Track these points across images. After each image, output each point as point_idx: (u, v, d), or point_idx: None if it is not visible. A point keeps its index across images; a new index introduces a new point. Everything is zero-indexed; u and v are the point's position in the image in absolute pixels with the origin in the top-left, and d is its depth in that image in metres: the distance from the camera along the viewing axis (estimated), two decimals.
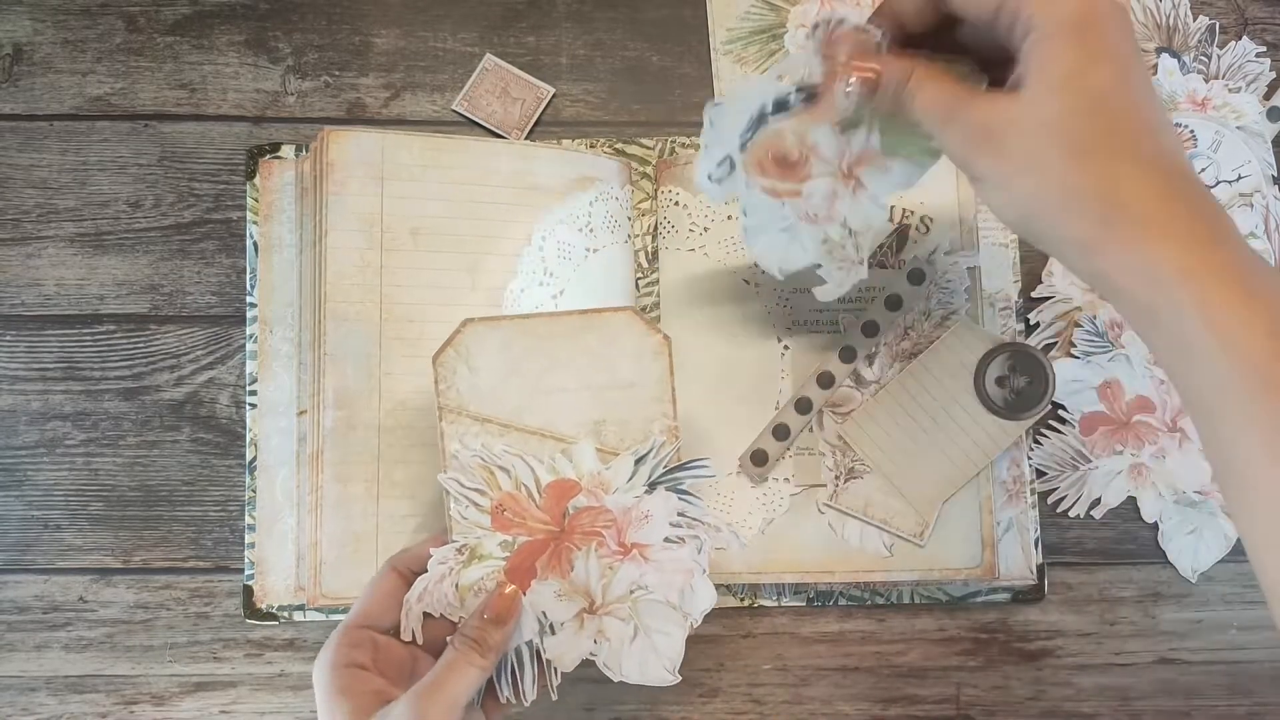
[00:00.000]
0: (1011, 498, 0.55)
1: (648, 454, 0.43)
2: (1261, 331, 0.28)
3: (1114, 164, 0.31)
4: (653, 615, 0.42)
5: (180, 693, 0.55)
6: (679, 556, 0.42)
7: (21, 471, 0.56)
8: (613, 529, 0.42)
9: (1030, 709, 0.56)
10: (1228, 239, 0.30)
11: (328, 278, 0.52)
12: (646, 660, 0.42)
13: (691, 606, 0.42)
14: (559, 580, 0.42)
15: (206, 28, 0.60)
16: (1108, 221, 0.31)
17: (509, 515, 0.42)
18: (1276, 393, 0.28)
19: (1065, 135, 0.31)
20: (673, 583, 0.42)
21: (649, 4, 0.61)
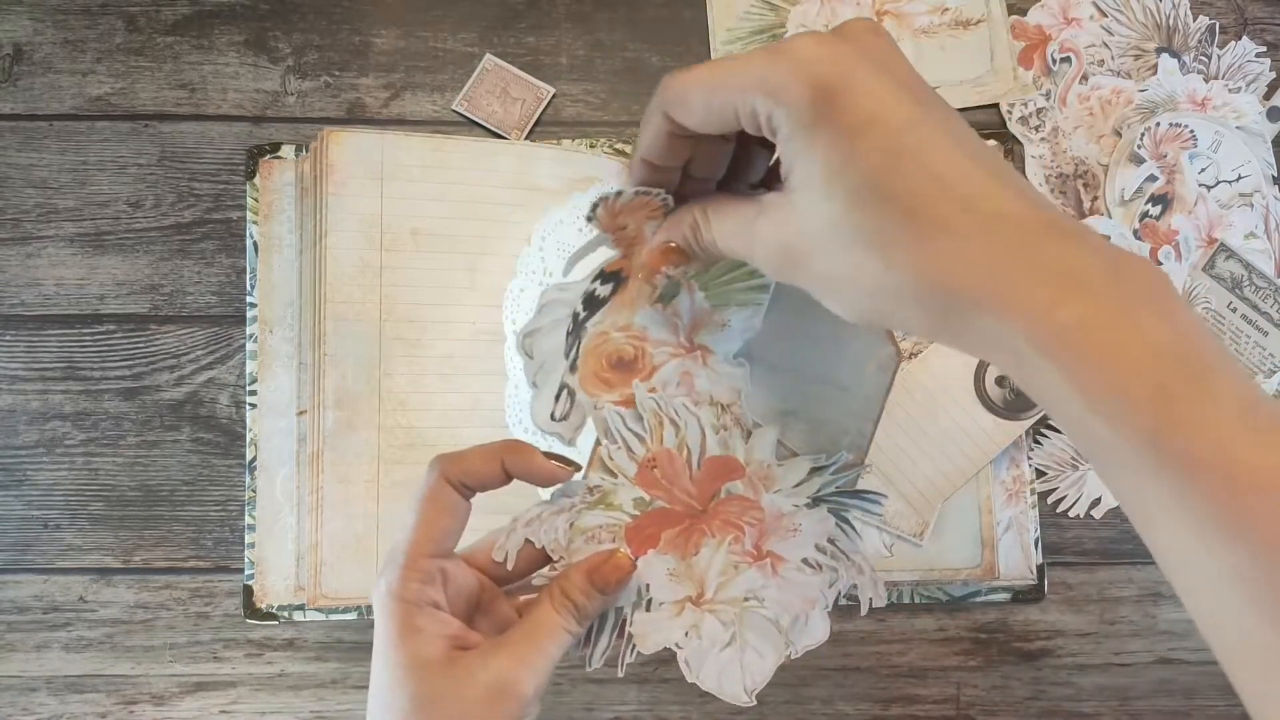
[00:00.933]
0: (1011, 498, 0.55)
1: (827, 466, 0.39)
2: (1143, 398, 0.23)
3: (922, 250, 0.25)
4: (755, 630, 0.39)
5: (180, 693, 0.55)
6: (809, 582, 0.38)
7: (21, 471, 0.56)
8: (756, 529, 0.38)
9: (1030, 709, 0.56)
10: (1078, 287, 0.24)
11: (328, 278, 0.52)
12: (729, 672, 0.39)
13: (798, 637, 0.39)
14: (678, 560, 0.38)
15: (206, 28, 0.60)
16: (943, 311, 0.26)
17: (658, 474, 0.38)
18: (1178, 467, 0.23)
19: (857, 238, 0.26)
20: (790, 606, 0.38)
21: (649, 4, 0.61)
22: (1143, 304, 0.24)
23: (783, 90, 0.26)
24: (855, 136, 0.26)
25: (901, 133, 0.25)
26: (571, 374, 0.37)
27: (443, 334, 0.54)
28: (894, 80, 0.26)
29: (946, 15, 0.61)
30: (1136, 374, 0.23)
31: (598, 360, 0.37)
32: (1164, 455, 0.23)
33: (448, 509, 0.35)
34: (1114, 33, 0.61)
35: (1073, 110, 0.60)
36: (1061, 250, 0.25)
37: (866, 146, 0.25)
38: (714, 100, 0.27)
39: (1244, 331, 0.57)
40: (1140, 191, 0.58)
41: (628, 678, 0.55)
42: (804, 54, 0.26)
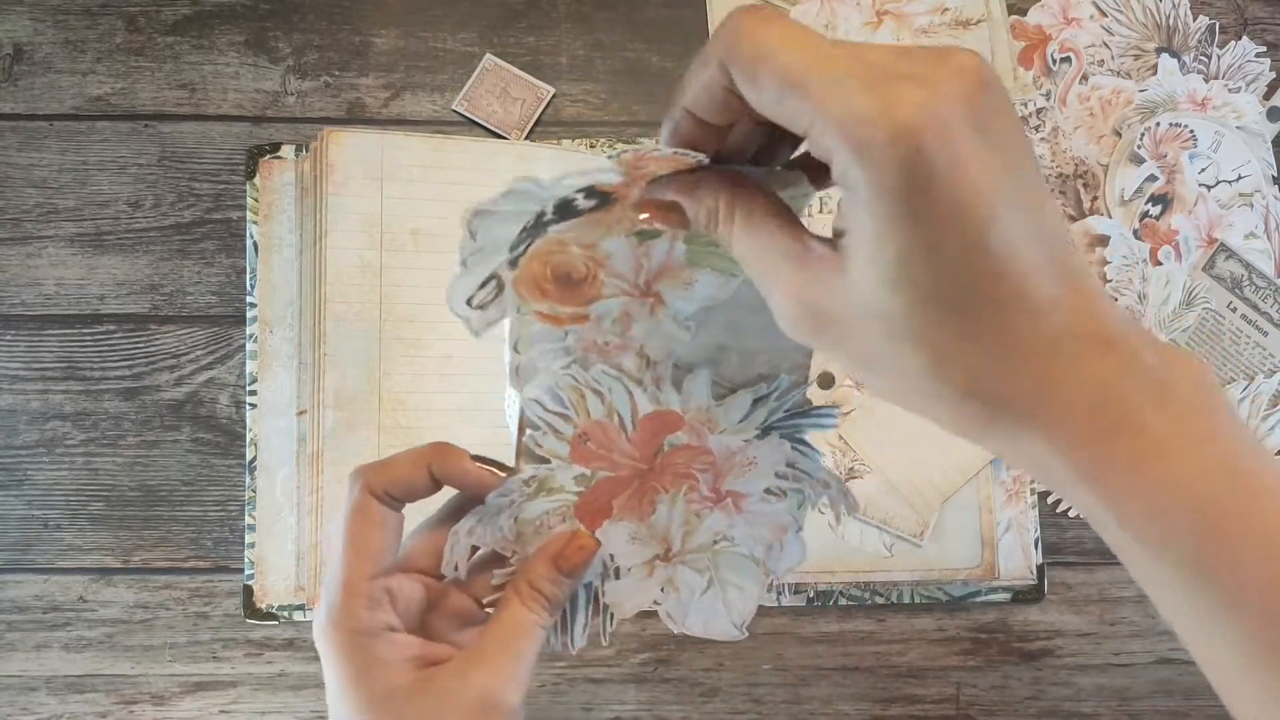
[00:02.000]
0: (1011, 498, 0.55)
1: (770, 394, 0.36)
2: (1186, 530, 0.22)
3: (979, 364, 0.24)
4: (732, 568, 0.37)
5: (180, 693, 0.55)
6: (776, 510, 0.37)
7: (21, 471, 0.56)
8: (709, 473, 0.36)
9: (1030, 709, 0.56)
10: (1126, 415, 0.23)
11: (328, 278, 0.52)
12: (714, 613, 0.37)
13: (775, 564, 0.37)
14: (636, 523, 0.36)
15: (206, 28, 0.60)
16: (985, 420, 0.24)
17: (592, 446, 0.35)
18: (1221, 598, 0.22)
19: (907, 335, 0.24)
20: (762, 538, 0.37)
21: (649, 4, 0.61)
22: (1189, 427, 0.23)
23: (870, 152, 0.22)
24: (941, 227, 0.22)
25: (988, 227, 0.22)
26: (509, 269, 0.32)
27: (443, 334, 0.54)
28: (996, 156, 0.22)
29: (946, 15, 0.61)
30: (1183, 507, 0.22)
31: (543, 267, 0.32)
32: (1211, 586, 0.22)
33: (378, 524, 0.32)
34: (1114, 33, 0.61)
35: (1073, 110, 0.60)
36: (1120, 372, 0.23)
37: (950, 242, 0.22)
38: (787, 102, 0.23)
39: (1244, 331, 0.57)
40: (1140, 191, 0.58)
41: (627, 678, 0.55)
42: (909, 108, 0.21)
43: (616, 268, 0.33)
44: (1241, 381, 0.57)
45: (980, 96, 0.22)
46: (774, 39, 0.23)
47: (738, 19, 0.23)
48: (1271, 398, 0.57)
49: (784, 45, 0.23)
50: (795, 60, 0.22)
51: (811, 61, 0.22)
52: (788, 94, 0.23)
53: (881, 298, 0.23)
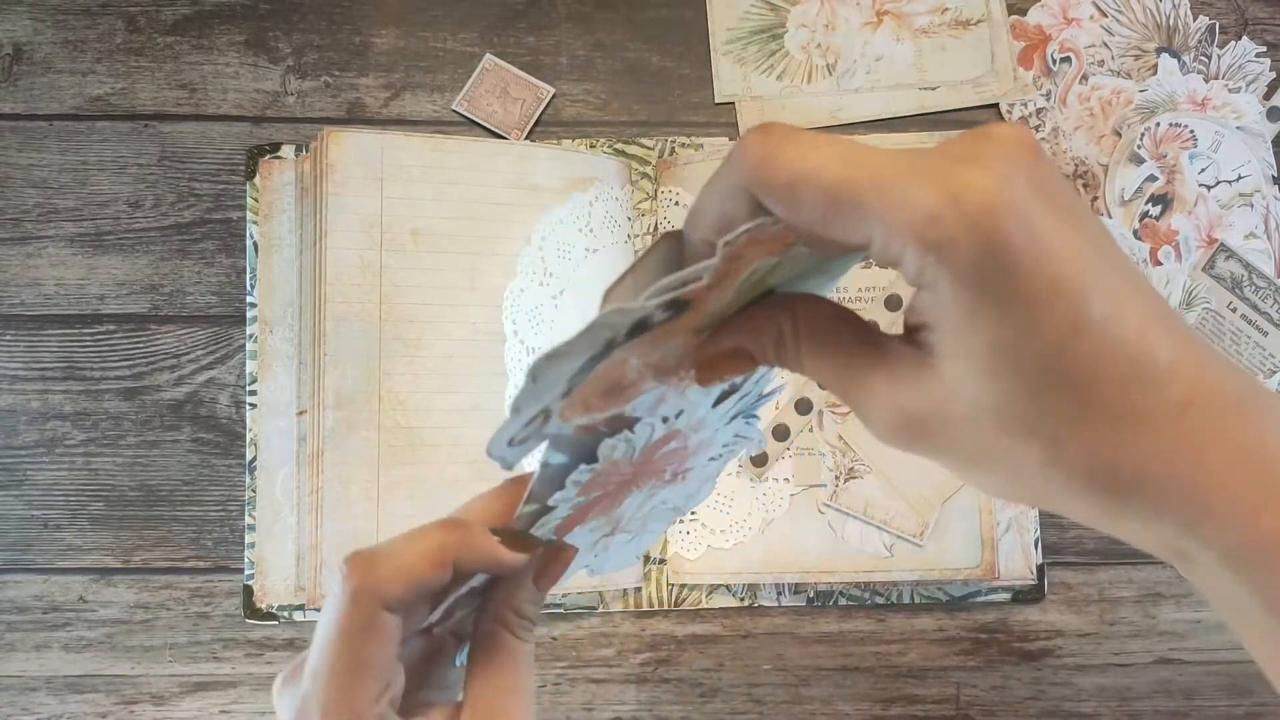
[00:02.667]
0: None
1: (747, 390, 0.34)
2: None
3: (1100, 443, 0.22)
4: (655, 519, 0.36)
5: (180, 693, 0.55)
6: (709, 470, 0.35)
7: (21, 471, 0.56)
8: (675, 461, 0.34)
9: (1030, 709, 0.56)
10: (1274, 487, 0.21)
11: (328, 278, 0.52)
12: (625, 558, 0.37)
13: (690, 504, 0.36)
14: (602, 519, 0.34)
15: (206, 28, 0.59)
16: (1114, 506, 0.22)
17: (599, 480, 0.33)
18: None
19: (1020, 424, 0.22)
20: (691, 492, 0.36)
21: (649, 4, 0.61)
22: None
23: (949, 248, 0.20)
24: (1035, 309, 0.21)
25: (1086, 302, 0.21)
26: (561, 400, 0.27)
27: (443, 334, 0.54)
28: (1069, 223, 0.21)
29: (946, 15, 0.61)
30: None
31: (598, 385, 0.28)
32: None
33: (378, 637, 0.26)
34: (1114, 33, 0.61)
35: (1073, 110, 0.60)
36: (1256, 440, 0.21)
37: (1048, 322, 0.21)
38: (839, 217, 0.21)
39: (1244, 331, 0.57)
40: (1140, 191, 0.58)
41: (627, 678, 0.55)
42: (977, 194, 0.20)
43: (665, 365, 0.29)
44: None
45: (1038, 165, 0.21)
46: (807, 158, 0.21)
47: (757, 144, 0.22)
48: None
49: (821, 161, 0.21)
50: (838, 175, 0.21)
51: (857, 173, 0.21)
52: (838, 211, 0.21)
53: (983, 389, 0.22)
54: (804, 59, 0.60)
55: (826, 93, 0.60)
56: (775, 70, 0.60)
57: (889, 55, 0.60)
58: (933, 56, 0.60)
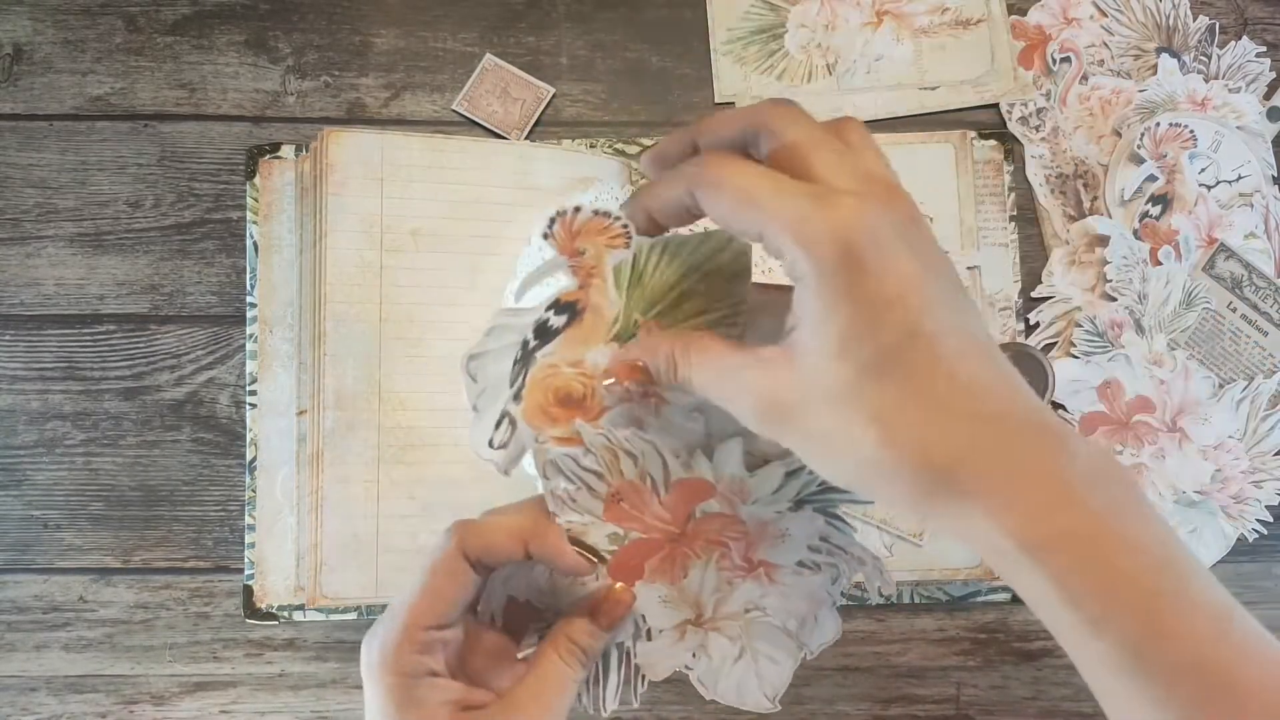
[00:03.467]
0: None
1: (802, 469, 0.36)
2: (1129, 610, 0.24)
3: (925, 431, 0.26)
4: (764, 639, 0.37)
5: (180, 693, 0.55)
6: (811, 584, 0.37)
7: (21, 471, 0.56)
8: (741, 542, 0.36)
9: (1030, 708, 0.56)
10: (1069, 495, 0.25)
11: (328, 278, 0.52)
12: (746, 684, 0.37)
13: (809, 638, 0.37)
14: (667, 586, 0.36)
15: (206, 28, 0.60)
16: (933, 494, 0.26)
17: (626, 507, 0.36)
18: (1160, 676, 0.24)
19: (857, 407, 0.26)
20: (795, 610, 0.37)
21: (649, 4, 0.61)
22: (1125, 513, 0.25)
23: (816, 245, 0.26)
24: (878, 311, 0.26)
25: (921, 315, 0.26)
26: (515, 403, 0.34)
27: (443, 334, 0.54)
28: (918, 257, 0.27)
29: (946, 15, 0.61)
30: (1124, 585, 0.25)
31: (544, 393, 0.34)
32: (1147, 663, 0.24)
33: (459, 582, 0.33)
34: (1114, 33, 0.61)
35: (1073, 110, 0.60)
36: (1056, 455, 0.26)
37: (888, 323, 0.26)
38: (744, 214, 0.27)
39: (1244, 331, 0.57)
40: (1140, 191, 0.58)
41: None
42: (844, 214, 0.26)
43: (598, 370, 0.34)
44: (1241, 381, 0.57)
45: (902, 207, 0.27)
46: (731, 170, 0.28)
47: (706, 157, 0.29)
48: (1271, 398, 0.57)
49: (739, 174, 0.28)
50: (749, 183, 0.27)
51: (763, 184, 0.27)
52: (744, 208, 0.27)
53: (827, 369, 0.27)
54: (804, 59, 0.60)
55: (826, 93, 0.60)
56: (775, 70, 0.60)
57: (889, 55, 0.60)
58: (933, 56, 0.60)
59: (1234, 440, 0.57)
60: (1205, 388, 0.57)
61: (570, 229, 0.33)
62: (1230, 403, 0.57)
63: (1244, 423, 0.57)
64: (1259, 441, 0.57)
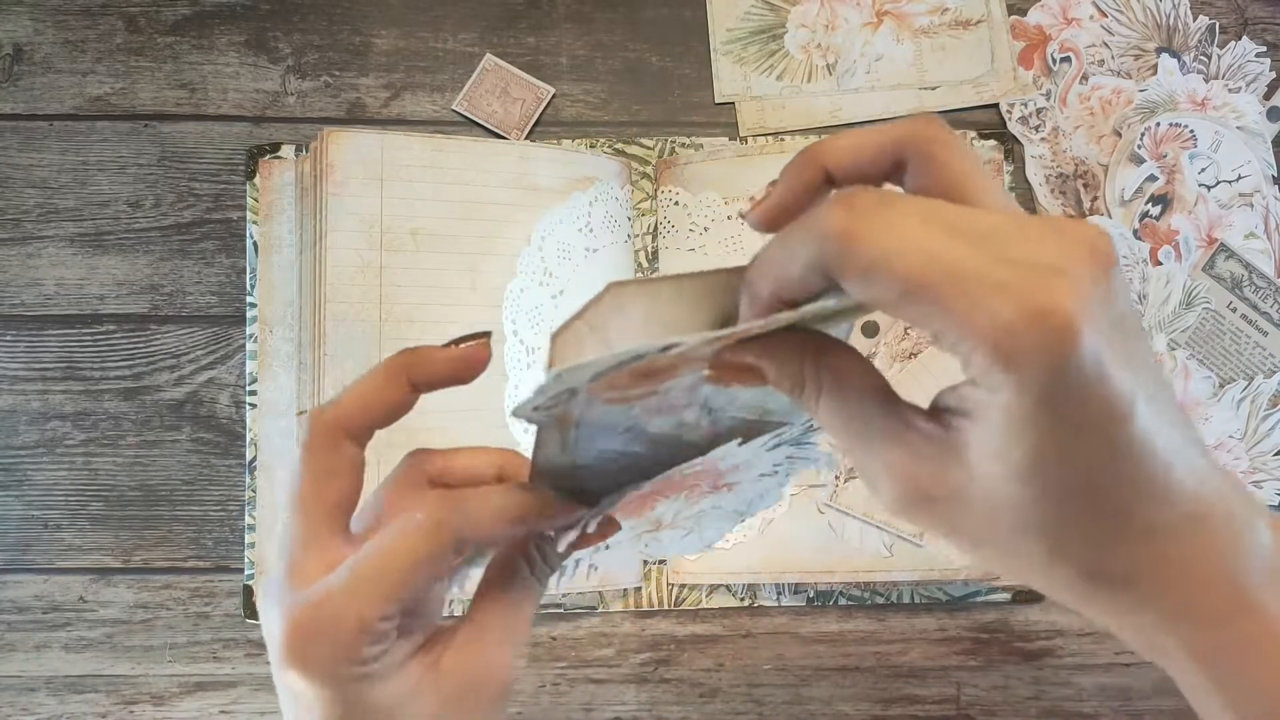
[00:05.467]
0: None
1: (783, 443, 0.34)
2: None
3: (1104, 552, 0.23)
4: (713, 522, 0.38)
5: (180, 693, 0.55)
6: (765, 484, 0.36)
7: (21, 471, 0.56)
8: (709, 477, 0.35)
9: (1030, 709, 0.56)
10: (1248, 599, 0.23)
11: (328, 278, 0.52)
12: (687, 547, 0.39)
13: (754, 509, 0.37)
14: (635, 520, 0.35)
15: (206, 28, 0.60)
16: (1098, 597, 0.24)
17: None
18: None
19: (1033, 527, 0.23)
20: (746, 498, 0.37)
21: (649, 4, 0.61)
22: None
23: (1023, 359, 0.20)
24: (1082, 431, 0.21)
25: (1127, 422, 0.22)
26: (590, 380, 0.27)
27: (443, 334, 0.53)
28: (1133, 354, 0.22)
29: (946, 15, 0.61)
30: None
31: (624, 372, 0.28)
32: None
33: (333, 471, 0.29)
34: (1114, 33, 0.61)
35: (1073, 110, 0.60)
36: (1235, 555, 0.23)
37: (1090, 444, 0.22)
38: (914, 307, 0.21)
39: (1244, 331, 0.57)
40: (1140, 191, 0.58)
41: (627, 678, 0.55)
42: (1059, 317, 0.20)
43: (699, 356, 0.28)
44: (1241, 381, 0.57)
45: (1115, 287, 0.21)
46: (888, 241, 0.21)
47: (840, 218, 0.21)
48: (1271, 398, 0.57)
49: (901, 248, 0.21)
50: (917, 269, 0.20)
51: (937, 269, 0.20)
52: (913, 301, 0.21)
53: (1010, 491, 0.22)
54: (804, 59, 0.60)
55: (826, 93, 0.60)
56: (775, 70, 0.60)
57: (889, 55, 0.60)
58: (933, 56, 0.60)
59: (1234, 440, 0.57)
60: (1205, 388, 0.57)
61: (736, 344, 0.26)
62: (1230, 403, 0.57)
63: (1244, 422, 0.57)
64: (1259, 441, 0.57)
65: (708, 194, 0.57)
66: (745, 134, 0.59)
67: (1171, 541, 0.23)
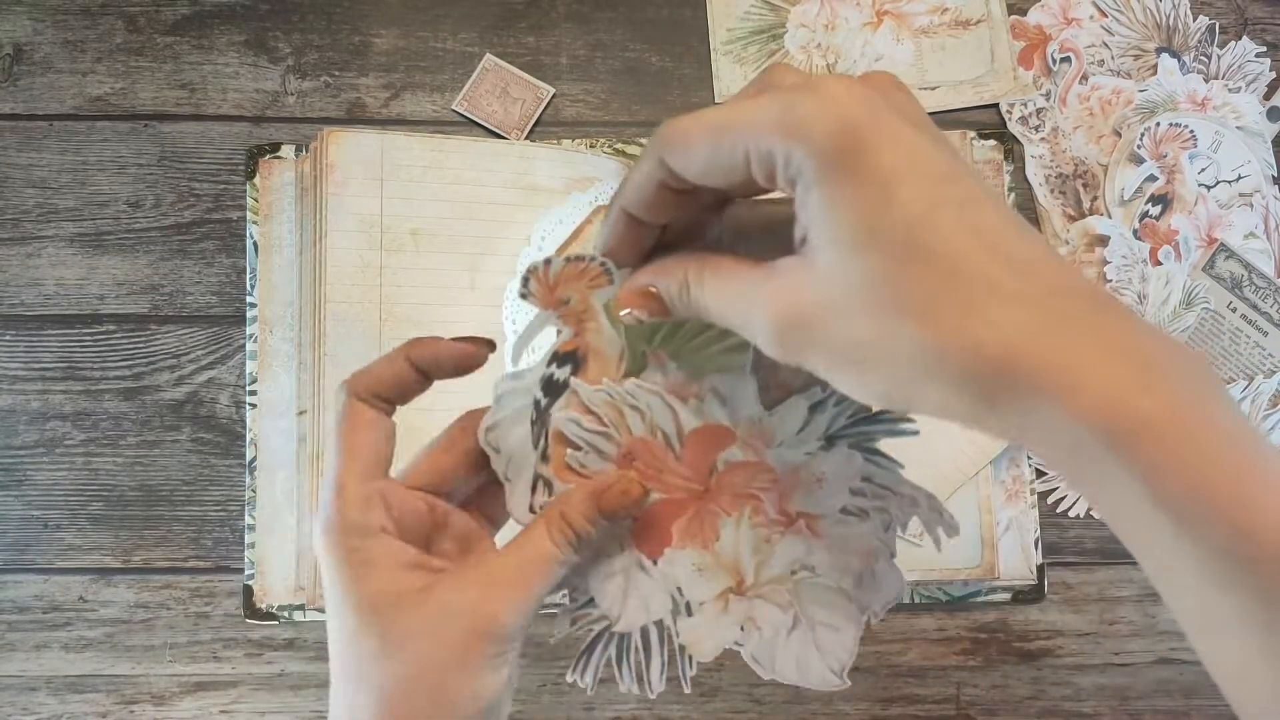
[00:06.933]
0: (1011, 498, 0.55)
1: (827, 399, 0.32)
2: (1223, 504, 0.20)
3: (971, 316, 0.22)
4: (819, 603, 0.33)
5: (180, 693, 0.55)
6: (859, 533, 0.33)
7: (21, 471, 0.56)
8: (773, 492, 0.33)
9: (1030, 708, 0.56)
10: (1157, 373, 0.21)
11: (328, 278, 0.52)
12: (807, 658, 0.33)
13: (869, 597, 0.33)
14: (699, 551, 0.33)
15: (206, 28, 0.60)
16: (990, 391, 0.22)
17: (641, 465, 0.32)
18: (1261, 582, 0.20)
19: (892, 301, 0.22)
20: (848, 566, 0.33)
21: (649, 4, 0.61)
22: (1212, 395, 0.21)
23: (806, 129, 0.22)
24: (891, 184, 0.22)
25: (941, 182, 0.22)
26: (544, 463, 0.32)
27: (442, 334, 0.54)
28: (925, 131, 0.23)
29: (946, 15, 0.61)
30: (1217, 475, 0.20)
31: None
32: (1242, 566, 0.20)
33: (368, 427, 0.31)
34: (1114, 33, 0.61)
35: (1073, 110, 0.60)
36: (1128, 330, 0.21)
37: (905, 196, 0.22)
38: (722, 142, 0.24)
39: (1244, 331, 0.57)
40: (1140, 191, 0.58)
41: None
42: (830, 92, 0.22)
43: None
44: (1241, 381, 0.57)
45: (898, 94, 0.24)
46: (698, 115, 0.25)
47: (663, 124, 0.25)
48: (1271, 398, 0.57)
49: (707, 113, 0.24)
50: (720, 113, 0.24)
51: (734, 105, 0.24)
52: (721, 138, 0.24)
53: (851, 270, 0.23)
54: (804, 59, 0.60)
55: None
56: None
57: (889, 55, 0.60)
58: (933, 56, 0.60)
59: None
60: None
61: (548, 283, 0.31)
62: None
63: None
64: None
65: None
66: None
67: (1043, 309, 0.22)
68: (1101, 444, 0.21)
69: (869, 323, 0.23)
